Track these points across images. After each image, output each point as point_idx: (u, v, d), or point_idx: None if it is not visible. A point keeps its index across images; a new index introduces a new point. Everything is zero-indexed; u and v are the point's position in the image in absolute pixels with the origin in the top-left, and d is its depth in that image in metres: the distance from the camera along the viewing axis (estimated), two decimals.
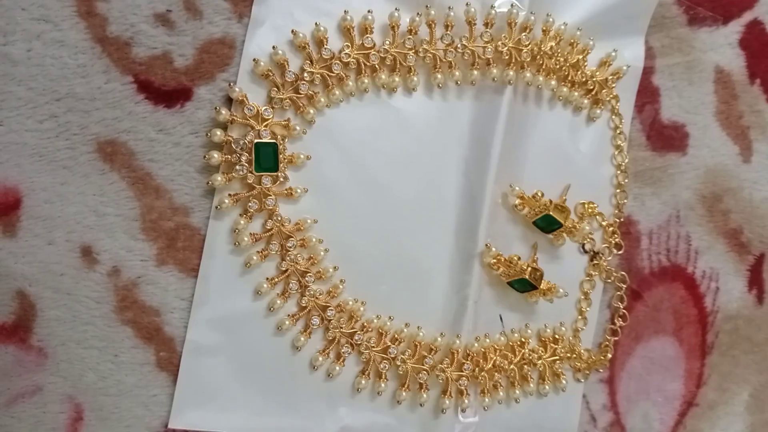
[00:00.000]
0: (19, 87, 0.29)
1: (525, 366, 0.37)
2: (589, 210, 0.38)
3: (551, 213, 0.36)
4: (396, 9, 0.33)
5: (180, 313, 0.32)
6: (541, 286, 0.36)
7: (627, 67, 0.38)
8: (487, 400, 0.36)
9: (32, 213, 0.29)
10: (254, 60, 0.31)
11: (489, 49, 0.34)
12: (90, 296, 0.30)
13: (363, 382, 0.34)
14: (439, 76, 0.34)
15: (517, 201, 0.36)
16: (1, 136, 0.29)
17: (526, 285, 0.36)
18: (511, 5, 0.35)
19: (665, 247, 0.41)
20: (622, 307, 0.39)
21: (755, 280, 0.43)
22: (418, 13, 0.33)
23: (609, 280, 0.39)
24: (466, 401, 0.35)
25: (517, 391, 0.37)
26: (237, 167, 0.31)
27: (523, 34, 0.35)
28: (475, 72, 0.34)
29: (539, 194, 0.36)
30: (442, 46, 0.34)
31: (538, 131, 0.37)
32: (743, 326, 0.42)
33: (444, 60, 0.34)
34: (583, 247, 0.39)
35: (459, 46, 0.34)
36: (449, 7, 0.34)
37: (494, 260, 0.36)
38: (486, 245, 0.36)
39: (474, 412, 0.36)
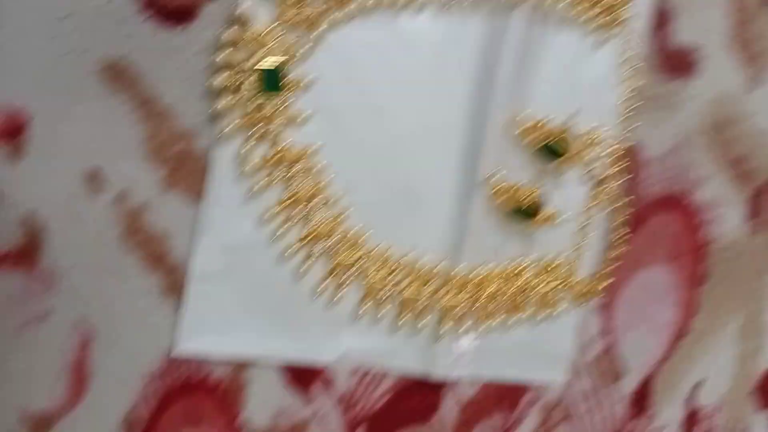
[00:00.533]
0: (20, 6, 0.32)
1: (522, 293, 0.44)
2: (595, 137, 0.44)
3: (556, 140, 0.42)
4: None
5: (185, 239, 0.37)
6: (542, 215, 0.43)
7: None
8: (484, 326, 0.43)
9: (38, 136, 0.34)
10: None
11: None
12: (97, 221, 0.35)
13: (364, 308, 0.40)
14: None
15: (521, 129, 0.42)
16: (3, 58, 0.32)
17: (527, 213, 0.42)
18: None
19: (667, 175, 0.47)
20: (621, 235, 0.46)
21: (755, 210, 0.49)
22: None
23: (612, 208, 0.46)
24: (464, 327, 0.42)
25: (514, 318, 0.44)
26: (243, 90, 0.36)
27: None
28: None
29: (543, 123, 0.42)
30: None
31: (547, 55, 0.42)
32: (738, 256, 0.49)
33: None
34: (586, 174, 0.44)
35: None
36: None
37: (496, 188, 0.42)
38: (489, 174, 0.41)
39: (470, 338, 0.43)
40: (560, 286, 0.45)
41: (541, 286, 0.45)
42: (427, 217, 0.42)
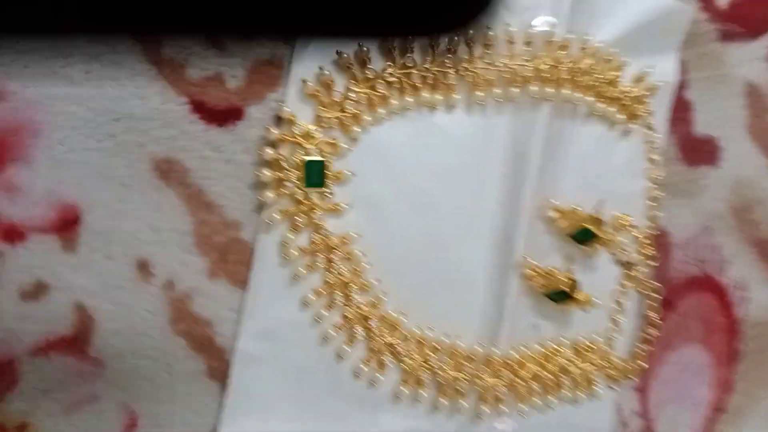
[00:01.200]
0: (79, 107, 0.29)
1: (560, 374, 0.36)
2: (624, 222, 0.37)
3: (587, 226, 0.35)
4: None
5: (230, 324, 0.31)
6: (577, 297, 0.35)
7: (661, 83, 0.37)
8: (523, 406, 0.35)
9: (91, 229, 0.29)
10: (302, 80, 0.31)
11: (529, 68, 0.33)
12: (145, 308, 0.30)
13: (404, 390, 0.33)
14: (478, 93, 0.33)
15: (554, 214, 0.35)
16: (62, 155, 0.29)
17: (562, 296, 0.35)
18: (550, 24, 0.33)
19: (696, 257, 0.40)
20: (654, 316, 0.38)
21: None
22: (456, 34, 0.32)
23: (642, 291, 0.38)
24: (503, 408, 0.35)
25: (553, 398, 0.36)
26: (286, 184, 0.31)
27: (562, 52, 0.33)
28: (515, 89, 0.33)
29: (575, 208, 0.35)
30: (481, 65, 0.33)
31: (574, 146, 0.36)
32: None
33: (484, 78, 0.33)
34: (617, 259, 0.37)
35: (499, 64, 0.33)
36: (487, 26, 0.32)
37: (531, 271, 0.35)
38: (524, 258, 0.35)
39: (510, 419, 0.35)
40: (597, 367, 0.37)
41: (577, 366, 0.37)
42: (464, 301, 0.35)
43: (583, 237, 0.36)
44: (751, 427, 0.42)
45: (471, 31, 0.33)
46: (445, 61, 0.32)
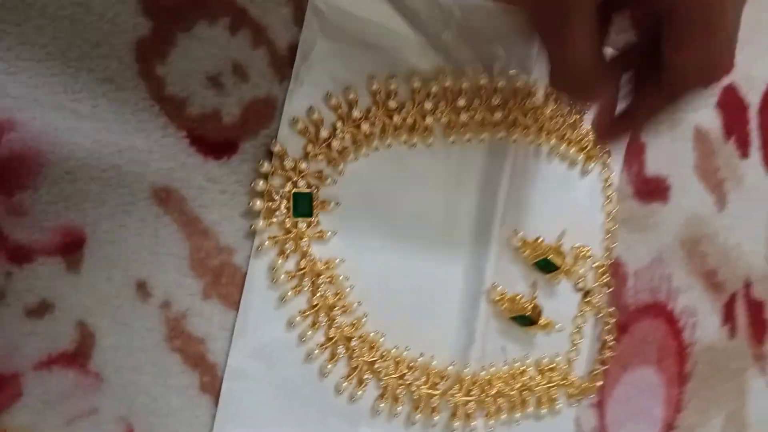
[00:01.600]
0: (85, 139, 0.30)
1: (525, 392, 0.38)
2: (583, 253, 0.39)
3: (549, 257, 0.38)
4: (413, 73, 0.34)
5: (222, 342, 0.32)
6: (540, 322, 0.37)
7: None
8: (491, 422, 0.37)
9: (94, 252, 0.30)
10: (293, 118, 0.32)
11: (498, 114, 0.36)
12: (143, 326, 0.31)
13: (382, 405, 0.35)
14: (453, 137, 0.35)
15: (520, 245, 0.38)
16: (68, 183, 0.29)
17: (526, 320, 0.37)
18: (518, 72, 0.36)
19: (649, 286, 0.42)
20: (610, 339, 0.41)
21: (728, 316, 0.44)
22: (435, 80, 0.34)
23: (599, 315, 0.40)
24: (473, 423, 0.36)
25: (518, 414, 0.38)
26: (277, 213, 0.32)
27: (528, 99, 0.37)
28: (485, 132, 0.36)
29: (539, 240, 0.38)
30: (456, 111, 0.35)
31: (539, 183, 0.38)
32: (717, 357, 0.44)
33: (457, 123, 0.35)
34: (576, 286, 0.40)
35: (472, 111, 0.35)
36: (463, 73, 0.35)
37: (499, 297, 0.37)
38: (493, 284, 0.37)
39: None
40: (558, 385, 0.39)
41: (541, 385, 0.38)
42: (438, 323, 0.37)
43: (546, 266, 0.37)
44: None
45: (448, 79, 0.35)
46: (424, 106, 0.35)
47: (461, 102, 0.35)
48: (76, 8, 0.29)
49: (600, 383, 0.40)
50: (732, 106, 0.44)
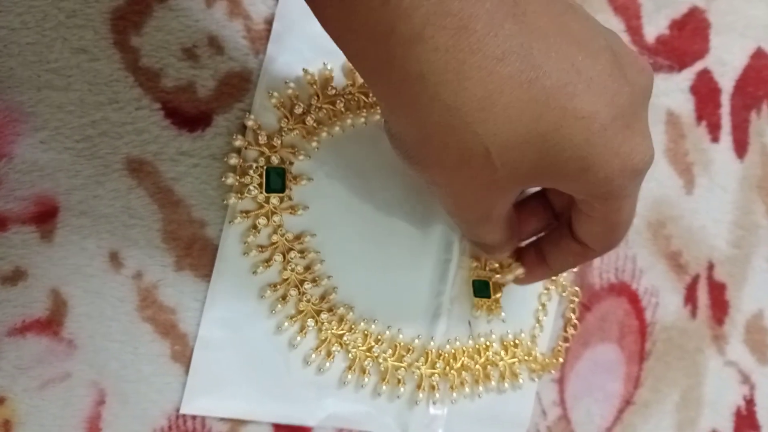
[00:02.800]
0: (59, 110, 0.31)
1: (488, 366, 0.40)
2: None
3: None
4: None
5: (193, 312, 0.34)
6: (491, 299, 0.40)
7: None
8: (454, 394, 0.39)
9: (67, 222, 0.31)
10: (268, 92, 0.34)
11: None
12: (115, 296, 0.32)
13: (349, 376, 0.36)
14: None
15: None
16: (42, 153, 0.31)
17: (485, 289, 0.39)
18: None
19: (614, 266, 0.44)
20: (574, 317, 0.43)
21: (690, 297, 0.46)
22: None
23: (564, 294, 0.43)
24: (437, 395, 0.38)
25: (481, 388, 0.40)
26: (249, 188, 0.33)
27: None
28: None
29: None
30: None
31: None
32: (677, 336, 0.46)
33: None
34: None
35: None
36: None
37: (468, 265, 0.39)
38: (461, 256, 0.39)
39: (443, 405, 0.39)
40: (521, 361, 0.41)
41: (505, 360, 0.41)
42: (406, 298, 0.39)
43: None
44: (657, 419, 0.46)
45: None
46: None
47: None
48: None
49: (562, 360, 0.42)
50: (705, 91, 0.46)
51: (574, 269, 0.43)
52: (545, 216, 0.36)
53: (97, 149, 0.32)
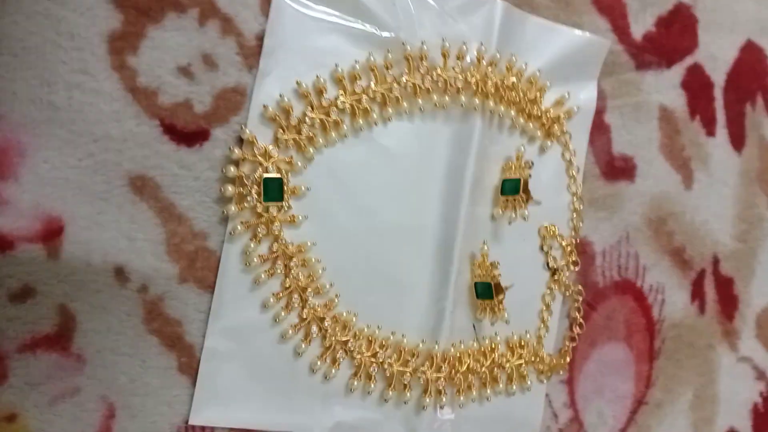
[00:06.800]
0: (61, 130, 0.34)
1: (495, 368, 0.43)
2: (551, 231, 0.45)
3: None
4: (370, 53, 0.39)
5: (198, 324, 0.37)
6: (495, 300, 0.42)
7: (577, 107, 0.45)
8: (461, 398, 0.42)
9: (73, 238, 0.35)
10: (263, 106, 0.37)
11: (459, 78, 0.41)
12: (122, 310, 0.36)
13: (355, 383, 0.40)
14: (419, 101, 0.41)
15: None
16: (46, 172, 0.34)
17: (487, 290, 0.42)
18: (481, 43, 0.42)
19: (617, 263, 0.47)
20: (579, 316, 0.46)
21: (697, 293, 0.50)
22: (388, 50, 0.40)
23: (567, 293, 0.46)
24: (444, 399, 0.41)
25: (488, 391, 0.43)
26: (248, 198, 0.37)
27: (489, 68, 0.42)
28: (447, 98, 0.41)
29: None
30: (419, 76, 0.40)
31: (503, 163, 0.44)
32: (686, 333, 0.49)
33: (422, 87, 0.40)
34: (545, 265, 0.45)
35: (434, 74, 0.40)
36: (422, 42, 0.40)
37: (479, 261, 0.43)
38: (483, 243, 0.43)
39: (450, 409, 0.42)
40: (528, 362, 0.44)
41: (511, 361, 0.44)
42: (409, 302, 0.42)
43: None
44: (672, 419, 0.49)
45: (408, 47, 0.40)
46: (386, 78, 0.40)
47: (423, 67, 0.40)
48: (49, 3, 0.34)
49: (569, 359, 0.45)
50: (697, 86, 0.50)
51: (576, 268, 0.46)
52: None
53: (99, 167, 0.35)
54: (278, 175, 0.38)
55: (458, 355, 0.42)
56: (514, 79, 0.43)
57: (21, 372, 0.34)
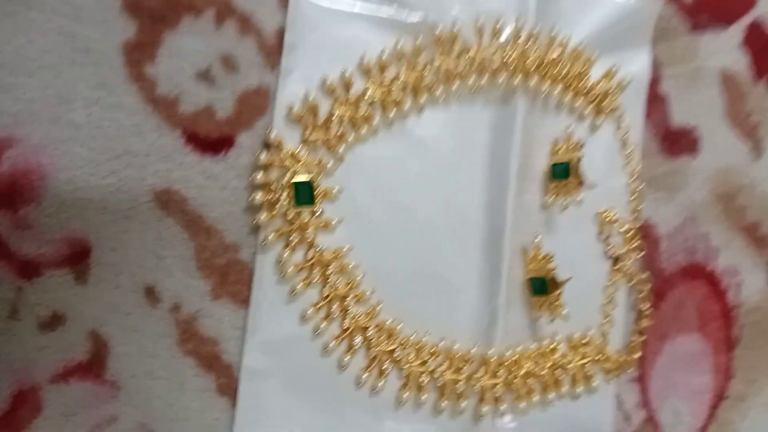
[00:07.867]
0: (82, 148, 0.34)
1: (557, 370, 0.41)
2: (608, 218, 0.43)
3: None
4: (397, 39, 0.38)
5: (235, 341, 0.36)
6: (553, 295, 0.40)
7: (629, 79, 0.43)
8: (522, 404, 0.41)
9: (100, 260, 0.34)
10: (288, 106, 0.37)
11: (497, 57, 0.39)
12: (155, 331, 0.35)
13: (405, 395, 0.38)
14: (454, 86, 0.39)
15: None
16: (69, 193, 0.34)
17: (541, 287, 0.41)
18: (517, 18, 0.40)
19: (684, 247, 0.45)
20: (646, 307, 0.44)
21: None
22: (418, 34, 0.38)
23: (632, 283, 0.44)
24: (503, 407, 0.40)
25: (551, 395, 0.41)
26: (278, 205, 0.36)
27: (528, 43, 0.40)
28: (484, 80, 0.39)
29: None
30: (452, 60, 0.39)
31: (548, 139, 0.42)
32: (766, 318, 0.46)
33: (456, 71, 0.39)
34: (606, 253, 0.43)
35: (468, 56, 0.39)
36: (454, 22, 0.39)
37: (533, 254, 0.41)
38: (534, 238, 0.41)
39: (511, 417, 0.41)
40: (593, 361, 0.42)
41: (574, 361, 0.42)
42: (457, 304, 0.41)
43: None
44: (756, 413, 0.46)
45: (438, 28, 0.39)
46: (417, 65, 0.38)
47: (456, 46, 0.39)
48: (62, 19, 0.33)
49: (639, 355, 0.43)
50: (759, 45, 0.47)
51: (641, 254, 0.43)
52: None
53: (123, 183, 0.35)
54: (308, 178, 0.37)
55: (516, 358, 0.41)
56: (557, 53, 0.41)
57: (55, 403, 0.34)
